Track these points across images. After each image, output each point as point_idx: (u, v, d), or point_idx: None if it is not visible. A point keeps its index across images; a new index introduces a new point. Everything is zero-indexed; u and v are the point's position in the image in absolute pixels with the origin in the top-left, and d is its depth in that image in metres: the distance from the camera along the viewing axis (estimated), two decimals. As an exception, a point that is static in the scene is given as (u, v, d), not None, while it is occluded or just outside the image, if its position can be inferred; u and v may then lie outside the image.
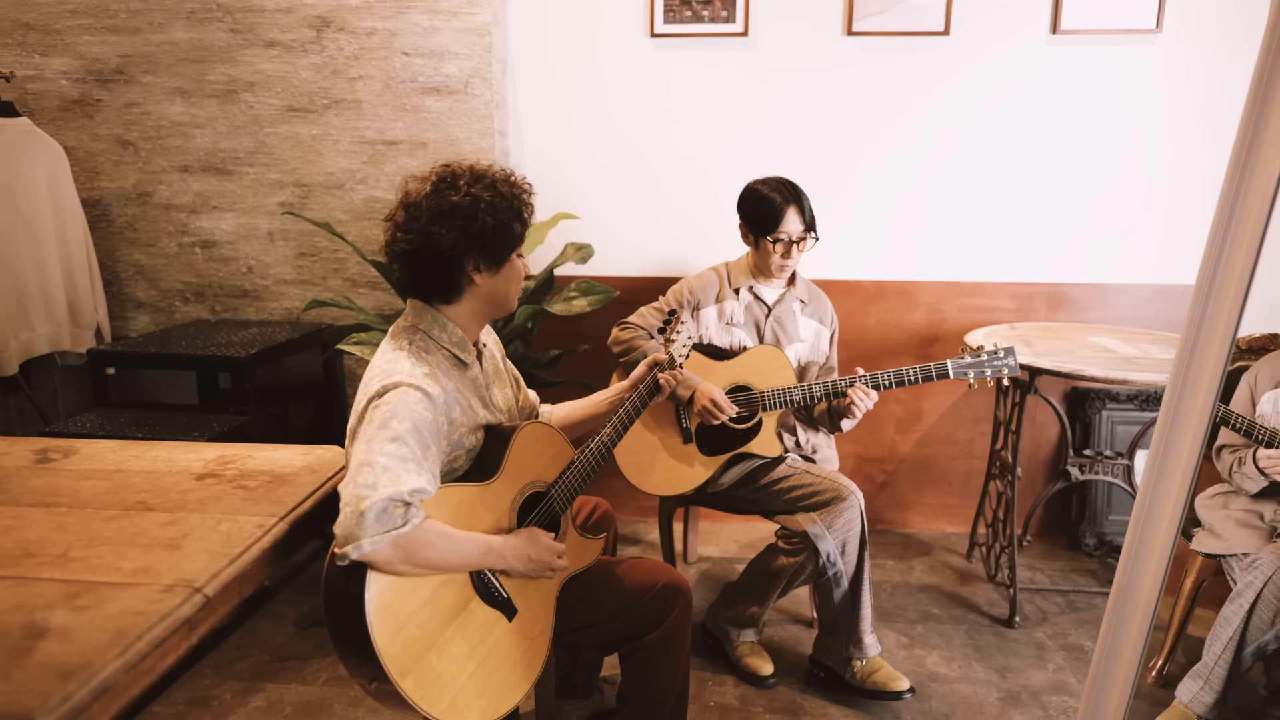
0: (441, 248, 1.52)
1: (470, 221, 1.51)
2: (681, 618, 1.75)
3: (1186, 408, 1.07)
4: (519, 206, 1.58)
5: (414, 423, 1.41)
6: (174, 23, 2.96)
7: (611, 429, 1.77)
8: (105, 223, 3.14)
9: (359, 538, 1.29)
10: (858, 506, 2.22)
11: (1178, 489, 1.11)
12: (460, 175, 1.55)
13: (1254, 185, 0.97)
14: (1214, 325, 1.05)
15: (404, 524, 1.32)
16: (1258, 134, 0.95)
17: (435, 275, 1.56)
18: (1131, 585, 1.14)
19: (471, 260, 1.55)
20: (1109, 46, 2.91)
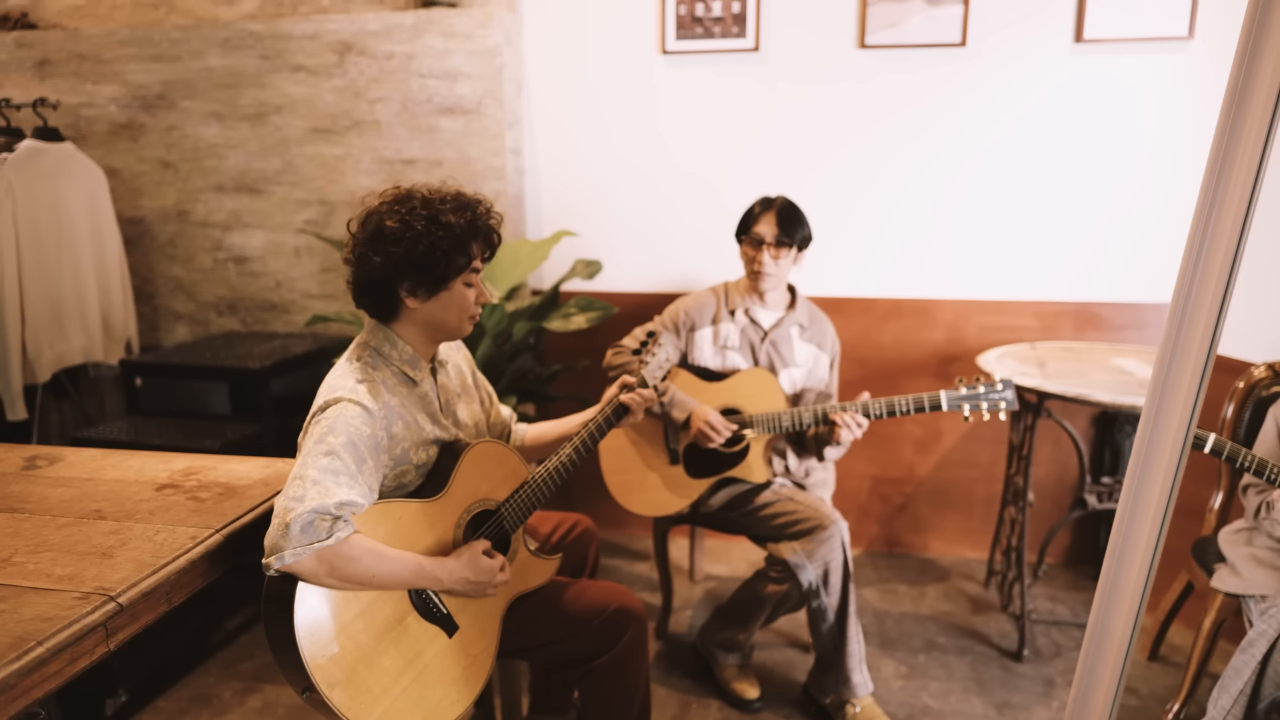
0: (374, 272, 1.56)
1: (400, 248, 1.54)
2: (634, 642, 1.75)
3: (1160, 434, 1.03)
4: (465, 237, 1.58)
5: (350, 437, 1.45)
6: (210, 50, 3.11)
7: (572, 449, 1.77)
8: (148, 239, 3.33)
9: (282, 549, 1.33)
10: (839, 537, 2.17)
11: (1151, 520, 1.06)
12: (410, 200, 1.58)
13: (1228, 199, 0.93)
14: (1188, 346, 1.01)
15: (328, 537, 1.35)
16: (1230, 147, 0.92)
17: (371, 294, 1.60)
18: (1107, 620, 1.10)
19: (404, 285, 1.57)
20: (1137, 55, 2.78)
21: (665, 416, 2.30)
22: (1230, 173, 0.91)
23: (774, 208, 2.31)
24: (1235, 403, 2.44)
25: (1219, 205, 0.94)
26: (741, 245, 2.35)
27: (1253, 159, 0.92)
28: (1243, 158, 0.91)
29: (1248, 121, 0.91)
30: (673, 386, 2.33)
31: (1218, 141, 0.89)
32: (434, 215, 1.56)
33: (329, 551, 1.36)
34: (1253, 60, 0.86)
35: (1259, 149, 0.90)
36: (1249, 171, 0.91)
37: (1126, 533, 1.06)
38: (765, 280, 2.31)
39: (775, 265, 2.28)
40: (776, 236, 2.27)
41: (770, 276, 2.30)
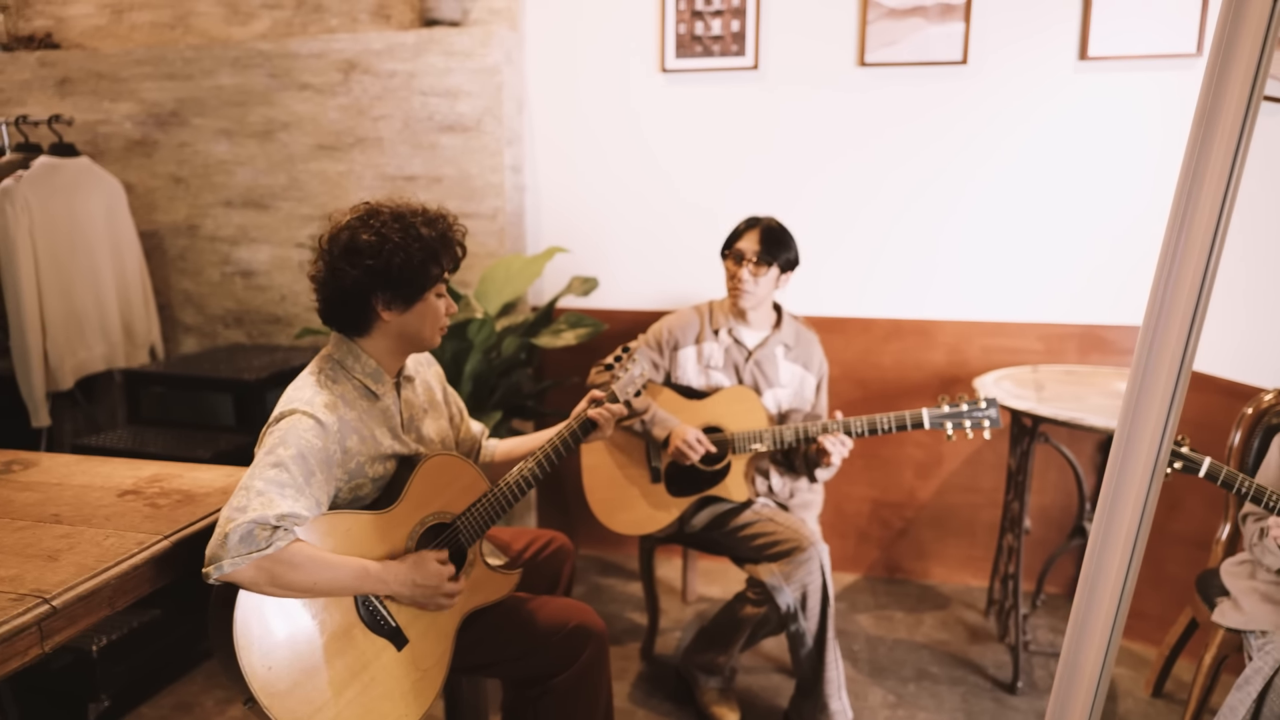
0: (348, 284, 1.57)
1: (376, 260, 1.55)
2: (594, 661, 1.72)
3: (1132, 456, 1.00)
4: (437, 249, 1.60)
5: (300, 450, 1.46)
6: (221, 69, 3.19)
7: (534, 463, 1.76)
8: (160, 253, 3.40)
9: (221, 559, 1.34)
10: (818, 560, 2.13)
11: (1123, 545, 1.03)
12: (380, 213, 1.60)
13: (1198, 217, 0.92)
14: (1158, 365, 0.99)
15: (267, 546, 1.36)
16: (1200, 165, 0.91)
17: (344, 309, 1.61)
18: (1079, 650, 1.06)
19: (379, 298, 1.59)
20: (1144, 72, 2.72)
21: (646, 435, 2.28)
22: (1199, 192, 0.90)
23: (759, 226, 2.29)
24: (1243, 429, 2.36)
25: (1189, 224, 0.92)
26: (725, 262, 2.33)
27: (1221, 176, 0.90)
28: (1211, 175, 0.90)
29: (1217, 140, 0.90)
30: (654, 404, 2.31)
31: (1187, 160, 0.88)
32: (408, 228, 1.58)
33: (268, 560, 1.36)
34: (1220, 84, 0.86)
35: (1227, 166, 0.89)
36: (1218, 189, 0.89)
37: (1099, 559, 1.02)
38: (745, 298, 2.29)
39: (755, 284, 2.26)
40: (758, 254, 2.25)
41: (749, 295, 2.28)
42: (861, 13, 2.85)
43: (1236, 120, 0.84)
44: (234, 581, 1.36)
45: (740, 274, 2.27)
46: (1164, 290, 0.94)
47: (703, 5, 2.96)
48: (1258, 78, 0.84)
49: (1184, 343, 0.95)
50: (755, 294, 2.28)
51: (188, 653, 2.64)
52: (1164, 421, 0.94)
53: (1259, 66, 0.83)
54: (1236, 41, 0.82)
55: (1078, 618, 0.99)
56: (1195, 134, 0.87)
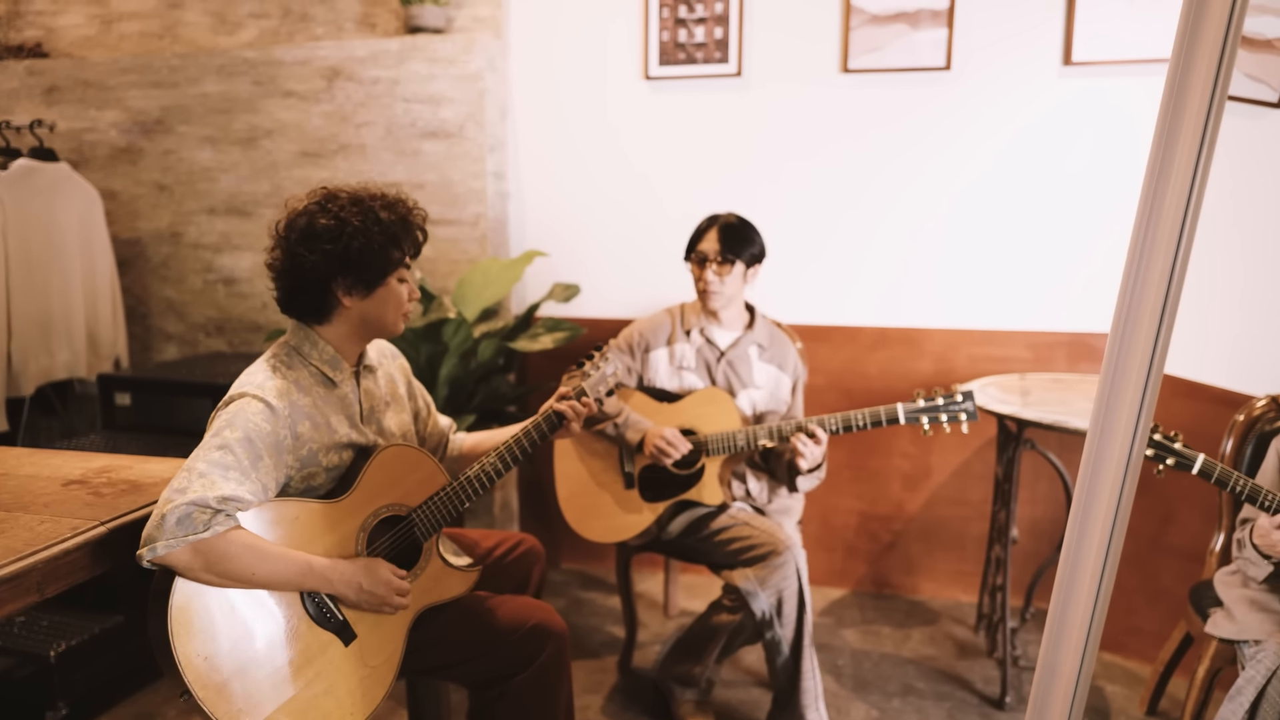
0: (306, 268, 1.54)
1: (335, 245, 1.52)
2: (554, 661, 1.66)
3: (1102, 465, 0.96)
4: (397, 233, 1.57)
5: (247, 432, 1.42)
6: (206, 77, 3.20)
7: (496, 457, 1.72)
8: (143, 261, 3.39)
9: (155, 540, 1.29)
10: (794, 564, 2.06)
11: (1096, 551, 0.98)
12: (337, 198, 1.57)
13: (1163, 218, 0.90)
14: (1128, 368, 0.96)
15: (205, 530, 1.31)
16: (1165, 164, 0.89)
17: (303, 295, 1.57)
18: (1057, 658, 1.01)
19: (339, 283, 1.55)
20: (1129, 77, 2.70)
21: (619, 439, 2.23)
22: (1165, 191, 0.88)
23: (717, 224, 2.26)
24: (1235, 437, 2.30)
25: (1155, 223, 0.90)
26: (690, 265, 2.30)
27: (1185, 175, 0.88)
28: (1177, 175, 0.88)
29: (1181, 139, 0.88)
30: (627, 408, 2.26)
31: (1152, 161, 0.87)
32: (367, 211, 1.55)
33: (204, 545, 1.31)
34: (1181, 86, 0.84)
35: (1191, 166, 0.87)
36: (1182, 189, 0.88)
37: (1075, 562, 0.97)
38: (713, 299, 2.26)
39: (721, 283, 2.23)
40: (719, 253, 2.22)
41: (718, 295, 2.24)
42: (844, 18, 2.84)
43: (1199, 120, 0.82)
44: (168, 565, 1.31)
45: (706, 275, 2.24)
46: (1132, 289, 0.91)
47: (686, 13, 2.96)
48: (1218, 79, 0.82)
49: (1152, 344, 0.91)
50: (724, 293, 2.24)
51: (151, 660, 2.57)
52: (1134, 423, 0.90)
53: (1219, 67, 0.81)
54: (1197, 42, 0.80)
55: (1054, 622, 0.94)
56: (1159, 136, 0.85)
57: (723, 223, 2.26)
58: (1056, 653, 1.00)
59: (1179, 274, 0.89)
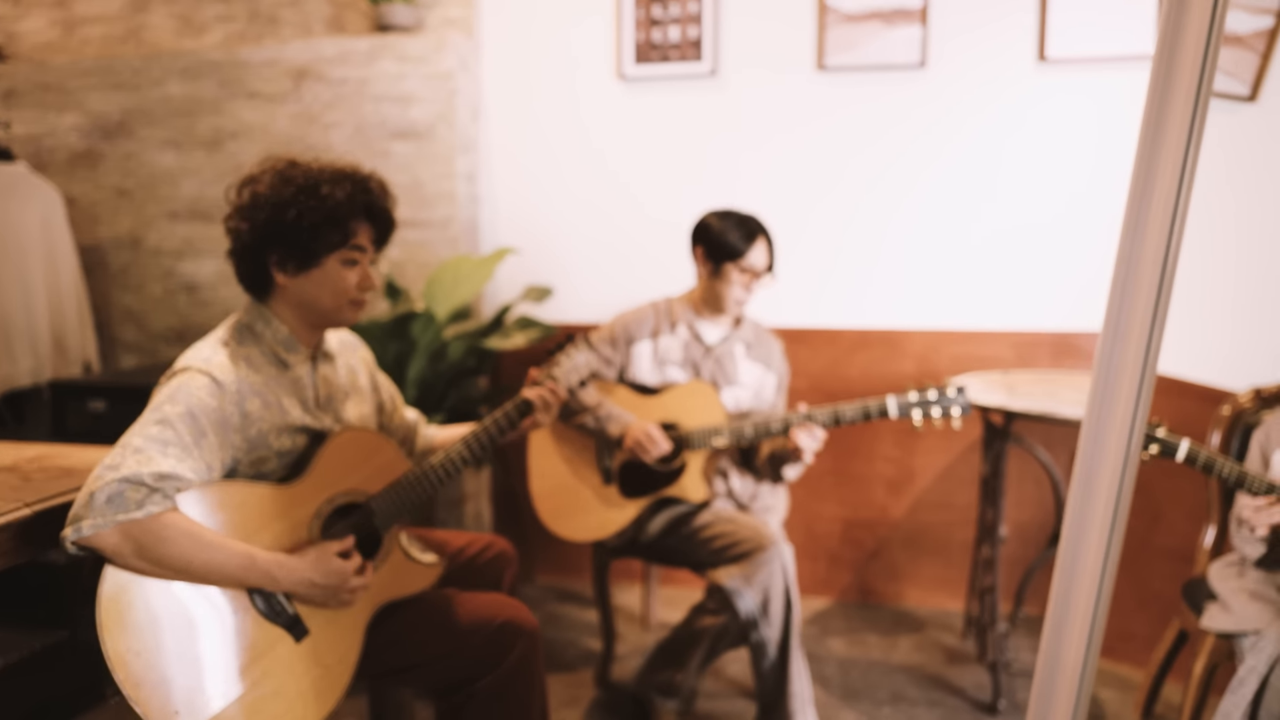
0: (242, 240, 1.46)
1: (265, 214, 1.43)
2: (524, 661, 1.55)
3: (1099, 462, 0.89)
4: (341, 213, 1.47)
5: (190, 407, 1.32)
6: (170, 79, 3.12)
7: (464, 445, 1.62)
8: (102, 268, 3.27)
9: (81, 519, 1.19)
10: (780, 560, 1.98)
11: (1095, 551, 0.91)
12: (289, 169, 1.48)
13: (1151, 214, 0.85)
14: (1122, 366, 0.89)
15: (137, 510, 1.21)
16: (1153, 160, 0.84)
17: (244, 269, 1.50)
18: (1057, 660, 0.93)
19: (274, 257, 1.47)
20: (1103, 74, 2.68)
21: (599, 432, 2.14)
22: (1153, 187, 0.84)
23: (763, 234, 2.18)
24: (1222, 431, 2.25)
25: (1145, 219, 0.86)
26: (723, 269, 2.18)
27: (1174, 171, 0.84)
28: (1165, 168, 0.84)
29: (1168, 132, 0.84)
30: (608, 401, 2.18)
31: (1140, 153, 0.83)
32: (309, 185, 1.46)
33: (136, 527, 1.21)
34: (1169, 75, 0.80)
35: (1179, 160, 0.82)
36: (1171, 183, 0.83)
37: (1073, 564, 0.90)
38: (744, 308, 2.24)
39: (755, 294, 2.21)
40: (768, 267, 2.18)
41: (748, 305, 2.23)
42: (819, 17, 2.82)
43: (1186, 114, 0.78)
44: (94, 548, 1.20)
45: (749, 285, 2.18)
46: (1124, 287, 0.86)
47: (660, 12, 2.93)
48: (1204, 71, 0.77)
49: (1145, 343, 0.85)
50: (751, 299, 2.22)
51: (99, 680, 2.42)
52: (1131, 416, 0.84)
53: (1204, 61, 0.77)
54: (1181, 36, 0.77)
55: (1053, 624, 0.86)
56: (1146, 130, 0.81)
57: (766, 234, 2.19)
58: (1057, 655, 0.92)
59: (1170, 268, 0.84)
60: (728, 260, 2.16)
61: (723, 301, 2.20)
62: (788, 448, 2.07)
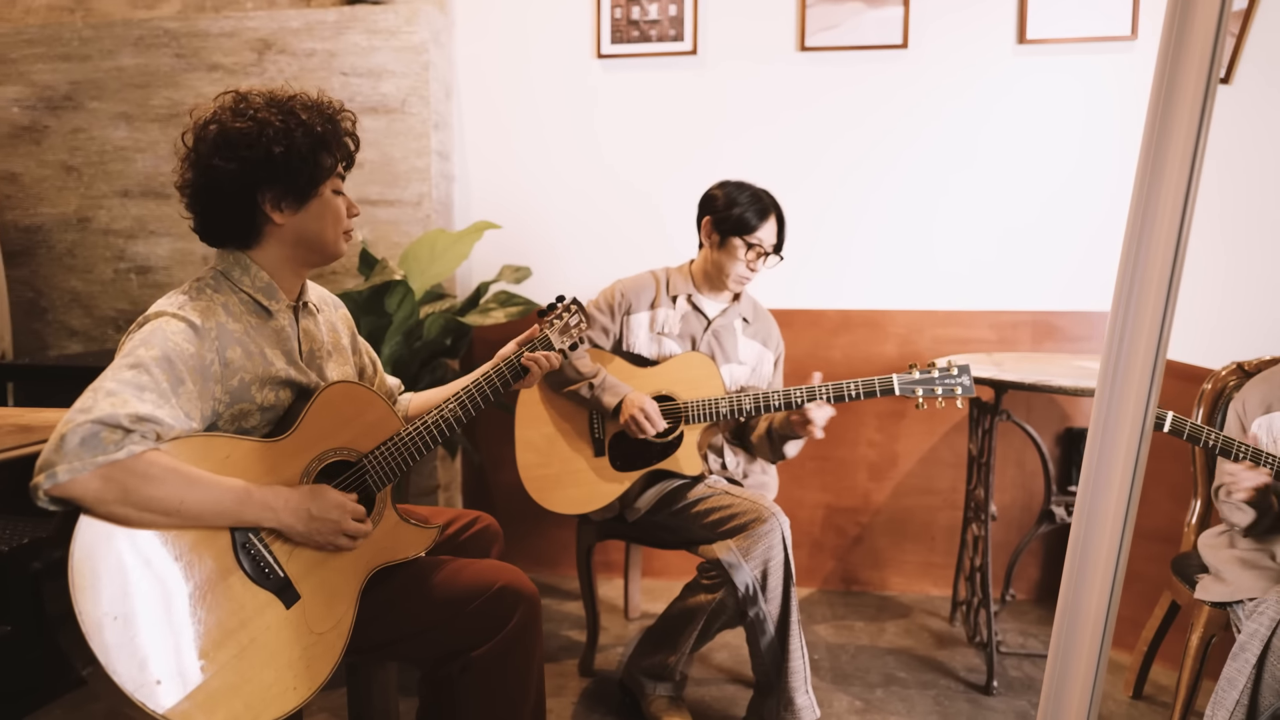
0: (225, 181, 1.34)
1: (255, 150, 1.32)
2: (524, 628, 1.46)
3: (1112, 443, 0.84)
4: (328, 136, 1.39)
5: (166, 351, 1.20)
6: (122, 49, 2.96)
7: (457, 404, 1.53)
8: (45, 249, 3.08)
9: (55, 464, 1.07)
10: (779, 531, 1.91)
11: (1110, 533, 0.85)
12: (250, 100, 1.37)
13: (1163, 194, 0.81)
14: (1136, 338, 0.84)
15: (117, 450, 1.09)
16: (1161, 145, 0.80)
17: (227, 214, 1.37)
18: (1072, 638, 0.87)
19: (266, 195, 1.36)
20: (1081, 56, 2.71)
21: (594, 402, 2.05)
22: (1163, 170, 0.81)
23: (775, 212, 2.13)
24: (1205, 406, 2.27)
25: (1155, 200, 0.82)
26: (729, 243, 2.11)
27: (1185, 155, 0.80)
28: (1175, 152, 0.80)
29: (1177, 114, 0.80)
30: (604, 370, 2.10)
31: (1146, 140, 0.80)
32: (287, 113, 1.36)
33: (118, 469, 1.09)
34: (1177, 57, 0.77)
35: (1191, 144, 0.79)
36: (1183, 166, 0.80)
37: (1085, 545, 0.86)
38: (746, 285, 2.18)
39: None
40: (775, 246, 2.13)
41: (751, 282, 2.17)
42: (801, -4, 2.80)
43: (1197, 96, 0.75)
44: (72, 497, 1.08)
45: (755, 265, 2.12)
46: (1132, 273, 0.82)
47: (640, -10, 2.88)
48: (1215, 50, 0.75)
49: (1158, 329, 0.82)
50: None
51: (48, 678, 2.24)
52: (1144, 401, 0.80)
53: (1217, 34, 0.74)
54: (1190, 14, 0.74)
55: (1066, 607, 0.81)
56: (1153, 114, 0.78)
57: (778, 211, 2.13)
58: (1072, 633, 0.87)
59: (1182, 249, 0.81)
60: (736, 234, 2.10)
61: (725, 277, 2.14)
62: (791, 421, 2.01)
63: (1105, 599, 0.80)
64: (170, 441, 1.18)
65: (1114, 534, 0.78)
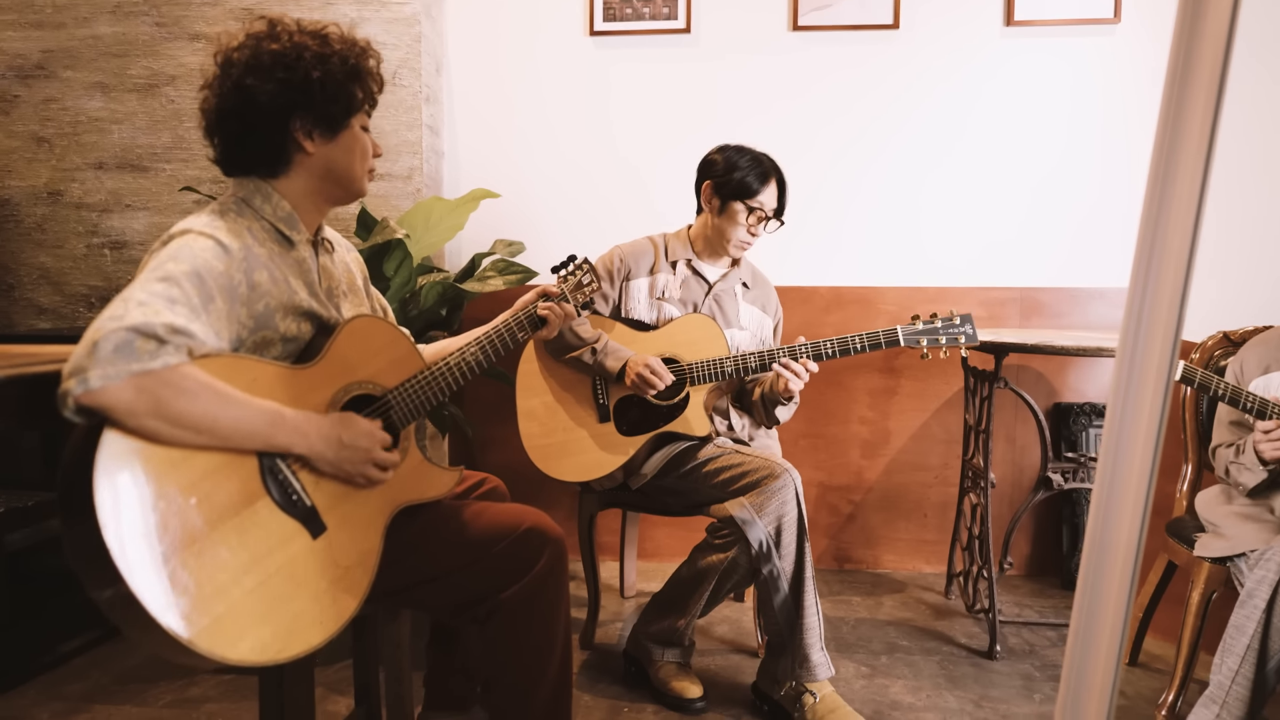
0: (259, 104, 1.29)
1: (293, 73, 1.29)
2: (551, 570, 1.42)
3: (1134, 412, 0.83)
4: (358, 68, 1.36)
5: (195, 267, 1.15)
6: (99, 17, 2.87)
7: (478, 348, 1.50)
8: (11, 224, 2.96)
9: (87, 370, 1.01)
10: (793, 486, 1.90)
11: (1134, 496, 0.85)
12: (282, 25, 1.34)
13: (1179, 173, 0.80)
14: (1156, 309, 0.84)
15: (152, 360, 1.04)
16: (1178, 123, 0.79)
17: (256, 140, 1.32)
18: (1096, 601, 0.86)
19: (298, 122, 1.32)
20: (1067, 38, 2.78)
21: (597, 367, 2.03)
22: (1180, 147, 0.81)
23: (776, 176, 2.12)
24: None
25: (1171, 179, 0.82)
26: (730, 207, 2.10)
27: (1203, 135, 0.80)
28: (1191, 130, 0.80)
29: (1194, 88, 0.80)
30: (605, 335, 2.07)
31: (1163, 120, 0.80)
32: (323, 39, 1.33)
33: (152, 379, 1.04)
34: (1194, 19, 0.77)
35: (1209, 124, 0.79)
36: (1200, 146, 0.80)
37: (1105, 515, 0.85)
38: (745, 250, 2.17)
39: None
40: (776, 210, 2.12)
41: (751, 247, 2.16)
42: (794, -25, 2.83)
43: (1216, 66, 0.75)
44: (102, 406, 1.02)
45: (755, 229, 2.10)
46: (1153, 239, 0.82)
47: (632, -32, 2.88)
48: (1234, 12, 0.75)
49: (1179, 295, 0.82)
50: None
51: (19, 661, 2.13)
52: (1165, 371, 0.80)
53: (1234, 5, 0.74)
54: None
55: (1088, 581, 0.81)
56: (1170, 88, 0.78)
57: (779, 174, 2.12)
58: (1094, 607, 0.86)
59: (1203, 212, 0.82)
60: (736, 198, 2.09)
61: (726, 242, 2.13)
62: (776, 388, 2.00)
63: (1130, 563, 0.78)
64: (198, 359, 1.12)
65: (1139, 493, 0.77)
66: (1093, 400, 2.82)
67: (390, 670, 1.63)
